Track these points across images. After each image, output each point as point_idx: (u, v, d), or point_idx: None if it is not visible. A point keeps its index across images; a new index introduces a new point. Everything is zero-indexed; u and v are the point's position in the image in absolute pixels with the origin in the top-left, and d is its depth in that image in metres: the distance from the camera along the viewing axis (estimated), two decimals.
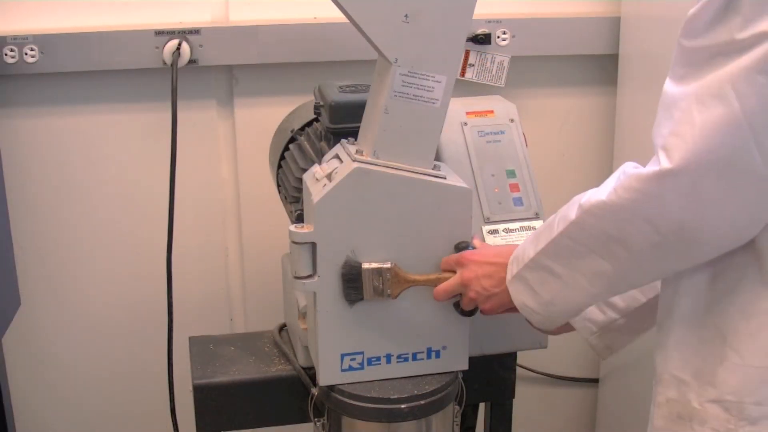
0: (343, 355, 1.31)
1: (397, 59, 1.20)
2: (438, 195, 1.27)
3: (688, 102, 0.98)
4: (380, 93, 1.24)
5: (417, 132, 1.25)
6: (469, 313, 1.32)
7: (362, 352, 1.32)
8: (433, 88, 1.23)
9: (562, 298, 1.16)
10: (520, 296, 1.20)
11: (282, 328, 1.61)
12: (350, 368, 1.32)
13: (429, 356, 1.34)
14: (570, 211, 1.11)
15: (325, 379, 1.33)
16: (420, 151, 1.26)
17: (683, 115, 0.98)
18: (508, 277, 1.20)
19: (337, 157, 1.32)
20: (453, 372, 1.37)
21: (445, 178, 1.28)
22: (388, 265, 1.27)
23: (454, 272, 1.29)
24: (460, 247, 1.29)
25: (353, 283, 1.28)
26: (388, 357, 1.33)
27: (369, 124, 1.28)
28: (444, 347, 1.35)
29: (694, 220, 1.00)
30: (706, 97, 0.96)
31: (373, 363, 1.33)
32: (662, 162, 0.99)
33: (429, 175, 1.27)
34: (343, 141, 1.34)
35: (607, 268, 1.09)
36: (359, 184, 1.25)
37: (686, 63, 1.01)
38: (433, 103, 1.24)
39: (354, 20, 1.18)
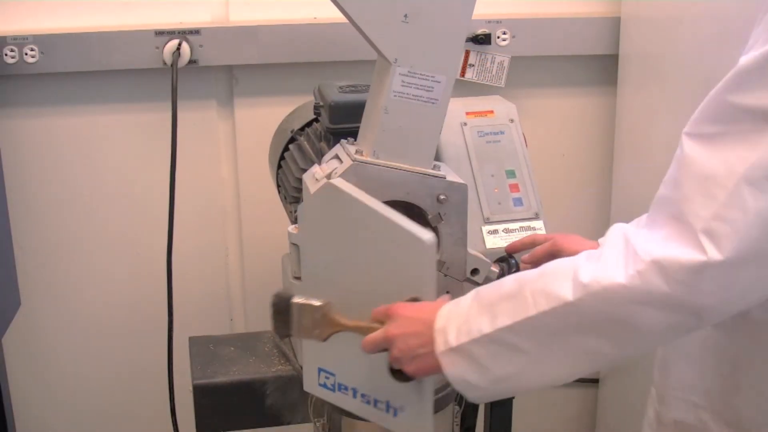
0: (319, 369, 1.27)
1: (396, 59, 1.20)
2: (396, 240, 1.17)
3: (736, 181, 0.86)
4: (380, 93, 1.23)
5: (417, 132, 1.25)
6: (402, 377, 1.13)
7: (335, 375, 1.26)
8: (432, 88, 1.23)
9: (525, 375, 1.02)
10: (457, 369, 1.04)
11: None
12: (324, 385, 1.27)
13: (387, 410, 1.22)
14: (560, 287, 0.97)
15: (306, 385, 1.32)
16: (420, 150, 1.26)
17: (731, 198, 0.86)
18: (441, 347, 1.05)
19: (336, 157, 1.32)
20: None
21: (444, 178, 1.27)
22: (317, 303, 1.14)
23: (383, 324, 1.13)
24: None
25: (282, 315, 1.16)
26: (354, 391, 1.25)
27: (368, 124, 1.28)
28: (401, 408, 1.21)
29: (723, 307, 0.93)
30: (762, 179, 0.85)
31: (341, 390, 1.26)
32: (709, 251, 0.87)
33: (429, 174, 1.26)
34: (343, 141, 1.34)
35: (605, 349, 0.98)
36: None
37: (722, 120, 0.88)
38: (433, 103, 1.24)
39: (353, 20, 1.18)
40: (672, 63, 1.73)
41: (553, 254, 1.30)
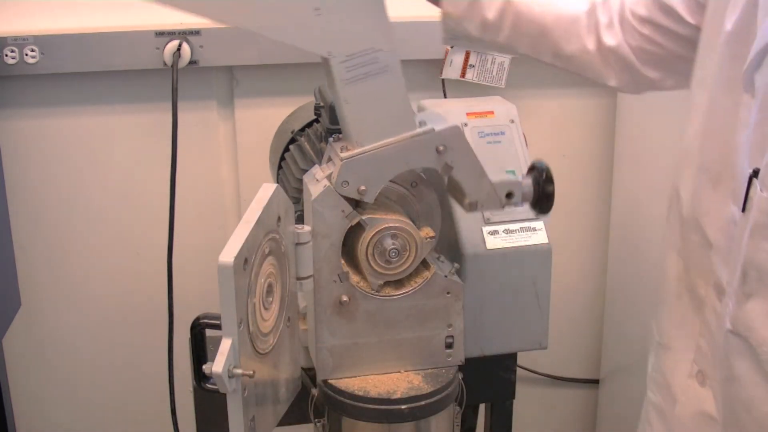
0: None
1: (329, 52, 1.18)
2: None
3: None
4: (334, 88, 1.22)
5: (385, 104, 1.22)
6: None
7: None
8: (377, 58, 1.19)
9: None
10: None
11: None
12: None
13: None
14: None
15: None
16: (397, 119, 1.22)
17: None
18: None
19: (330, 159, 1.32)
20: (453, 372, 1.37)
21: (433, 130, 1.24)
22: None
23: None
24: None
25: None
26: None
27: (341, 120, 1.27)
28: None
29: None
30: None
31: None
32: None
33: (417, 135, 1.23)
34: (330, 141, 1.34)
35: None
36: None
37: None
38: (385, 70, 1.21)
39: (275, 38, 1.17)
40: None
41: None
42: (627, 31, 1.32)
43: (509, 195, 1.29)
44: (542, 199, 1.30)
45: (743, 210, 1.00)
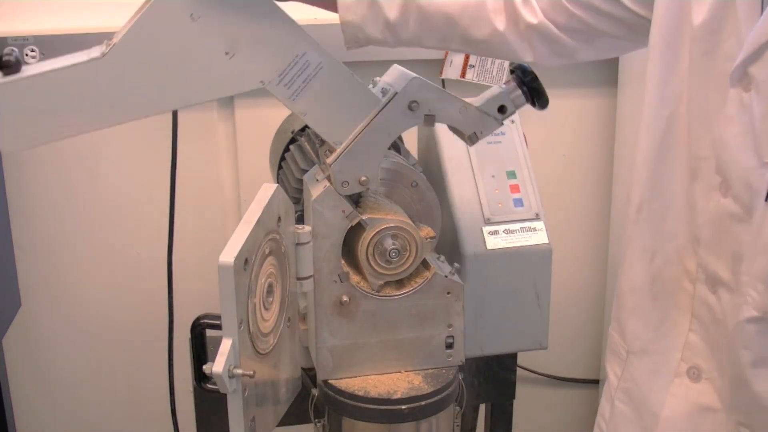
0: None
1: (261, 81, 1.18)
2: None
3: None
4: (287, 107, 1.23)
5: (338, 96, 1.22)
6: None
7: None
8: (308, 62, 1.19)
9: None
10: None
11: None
12: None
13: None
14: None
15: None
16: (358, 102, 1.23)
17: None
18: None
19: (324, 162, 1.32)
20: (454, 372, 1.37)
21: (396, 93, 1.23)
22: None
23: None
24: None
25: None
26: None
27: (315, 130, 1.27)
28: None
29: None
30: None
31: None
32: None
33: (385, 106, 1.23)
34: (317, 145, 1.34)
35: None
36: None
37: None
38: (320, 67, 1.20)
39: (210, 100, 1.17)
40: None
41: None
42: (554, 8, 1.29)
43: (502, 109, 1.28)
44: (535, 95, 1.29)
45: (766, 199, 0.99)
